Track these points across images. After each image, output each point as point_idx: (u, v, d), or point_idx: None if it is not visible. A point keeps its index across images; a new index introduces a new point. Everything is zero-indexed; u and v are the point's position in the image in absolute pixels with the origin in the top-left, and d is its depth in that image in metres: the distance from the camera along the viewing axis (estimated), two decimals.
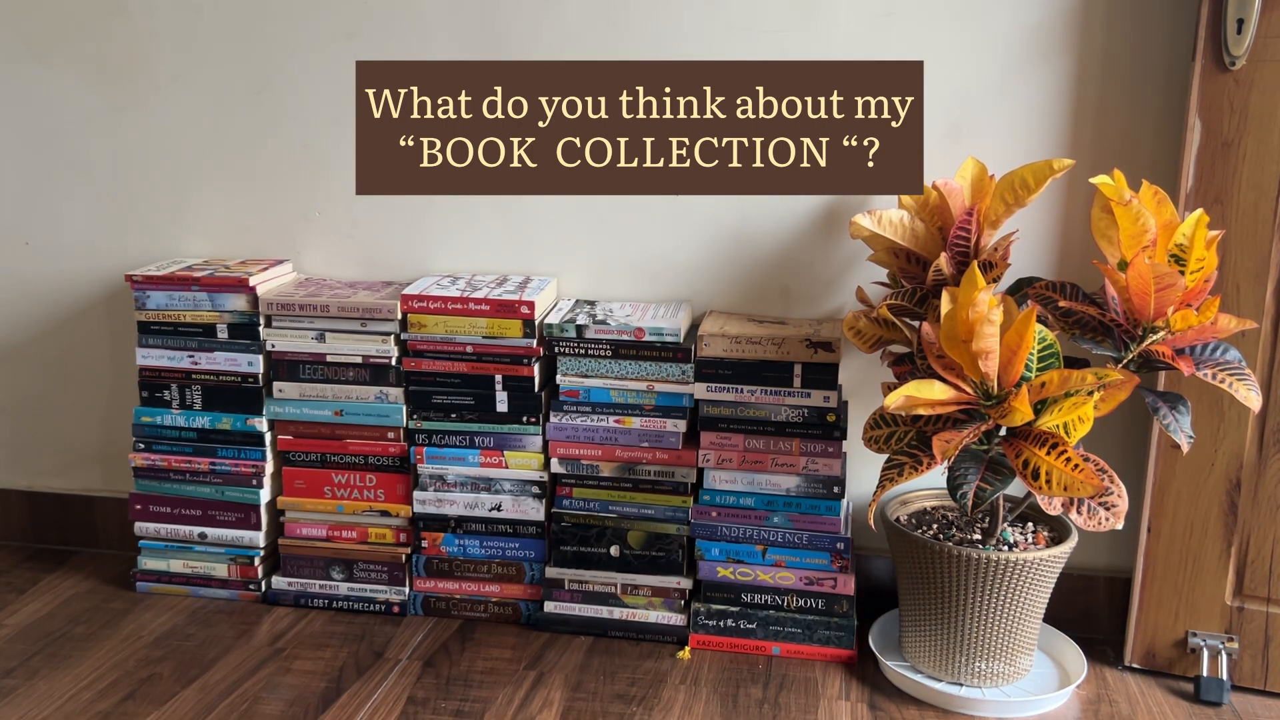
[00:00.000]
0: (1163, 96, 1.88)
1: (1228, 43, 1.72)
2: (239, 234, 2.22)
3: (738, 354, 1.93)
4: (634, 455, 1.99)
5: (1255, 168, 1.75)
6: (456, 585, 2.09)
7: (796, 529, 1.96)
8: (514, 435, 2.02)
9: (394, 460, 2.07)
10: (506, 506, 2.05)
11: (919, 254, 1.83)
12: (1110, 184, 1.66)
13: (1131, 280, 1.63)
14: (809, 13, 1.96)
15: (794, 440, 1.94)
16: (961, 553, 1.75)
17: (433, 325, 2.01)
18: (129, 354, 2.18)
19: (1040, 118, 1.93)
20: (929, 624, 1.84)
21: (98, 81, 2.18)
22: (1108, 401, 1.66)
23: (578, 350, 1.97)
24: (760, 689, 1.88)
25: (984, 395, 1.65)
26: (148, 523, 2.17)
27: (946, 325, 1.65)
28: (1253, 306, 1.79)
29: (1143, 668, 1.94)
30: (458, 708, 1.81)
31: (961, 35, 1.92)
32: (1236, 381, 1.66)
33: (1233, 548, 1.86)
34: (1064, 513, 1.69)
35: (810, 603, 1.97)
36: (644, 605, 2.03)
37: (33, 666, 1.93)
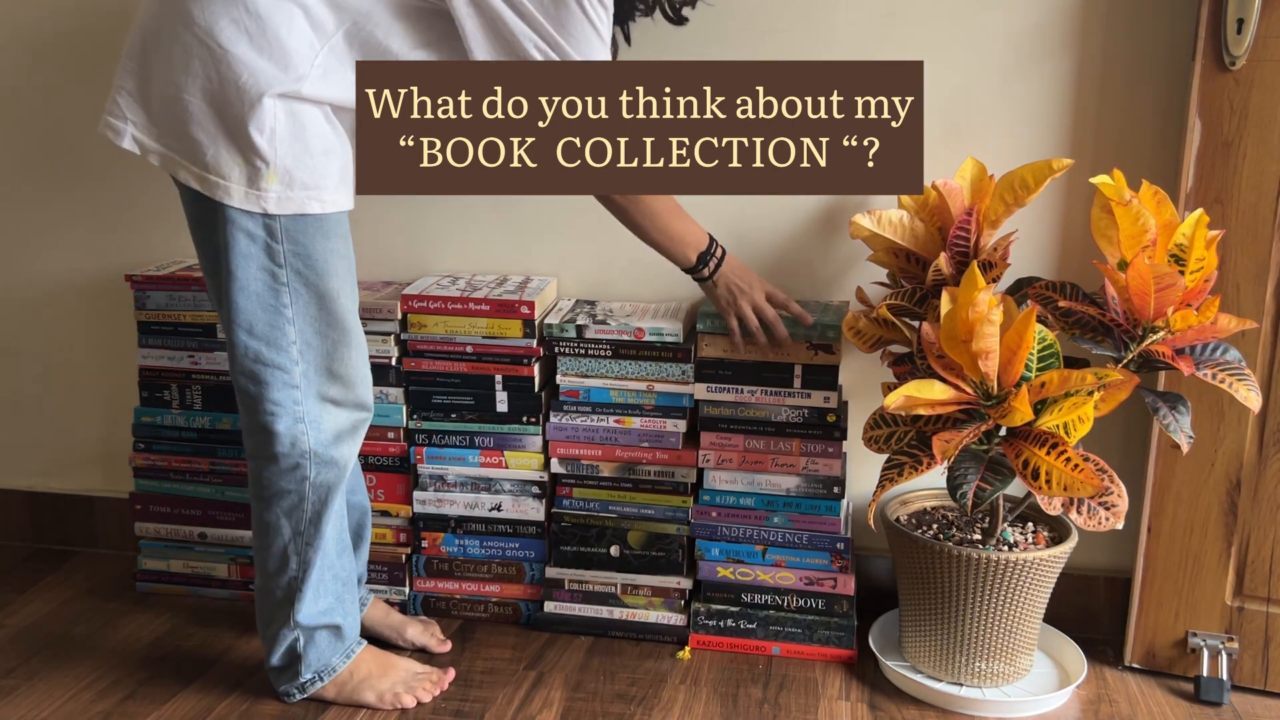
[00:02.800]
0: (1163, 96, 1.88)
1: (1228, 43, 1.72)
2: None
3: (738, 354, 1.93)
4: (634, 455, 1.99)
5: (1255, 168, 1.75)
6: (456, 585, 2.09)
7: (796, 529, 1.96)
8: (514, 435, 2.02)
9: (394, 460, 2.07)
10: (506, 506, 2.05)
11: (919, 254, 1.83)
12: (1110, 184, 1.66)
13: (1131, 280, 1.63)
14: (809, 13, 1.96)
15: (794, 440, 1.94)
16: (961, 553, 1.75)
17: (433, 325, 2.01)
18: (129, 354, 2.18)
19: (1040, 118, 1.93)
20: (929, 624, 1.84)
21: (98, 80, 2.18)
22: (1108, 401, 1.66)
23: (578, 350, 1.97)
24: (760, 689, 1.88)
25: (984, 395, 1.65)
26: (148, 523, 2.17)
27: (946, 325, 1.65)
28: (1253, 306, 1.79)
29: (1143, 668, 1.94)
30: (458, 708, 1.81)
31: (961, 35, 1.92)
32: (1236, 381, 1.66)
33: (1233, 548, 1.86)
34: (1064, 513, 1.69)
35: (810, 603, 1.97)
36: (644, 605, 2.03)
37: (33, 666, 1.93)
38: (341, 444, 1.71)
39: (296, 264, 1.61)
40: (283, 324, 1.63)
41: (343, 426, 1.71)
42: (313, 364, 1.66)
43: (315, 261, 1.62)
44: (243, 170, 1.55)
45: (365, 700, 1.79)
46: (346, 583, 1.80)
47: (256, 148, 1.54)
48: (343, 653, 1.80)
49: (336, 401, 1.70)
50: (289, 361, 1.65)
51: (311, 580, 1.73)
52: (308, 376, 1.66)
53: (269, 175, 1.55)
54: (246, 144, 1.54)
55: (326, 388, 1.68)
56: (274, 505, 1.71)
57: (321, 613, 1.75)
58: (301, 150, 1.57)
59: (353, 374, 1.70)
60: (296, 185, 1.57)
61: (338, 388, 1.69)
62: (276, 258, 1.60)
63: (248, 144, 1.54)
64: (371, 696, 1.80)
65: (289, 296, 1.62)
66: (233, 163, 1.55)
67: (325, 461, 1.69)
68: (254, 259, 1.59)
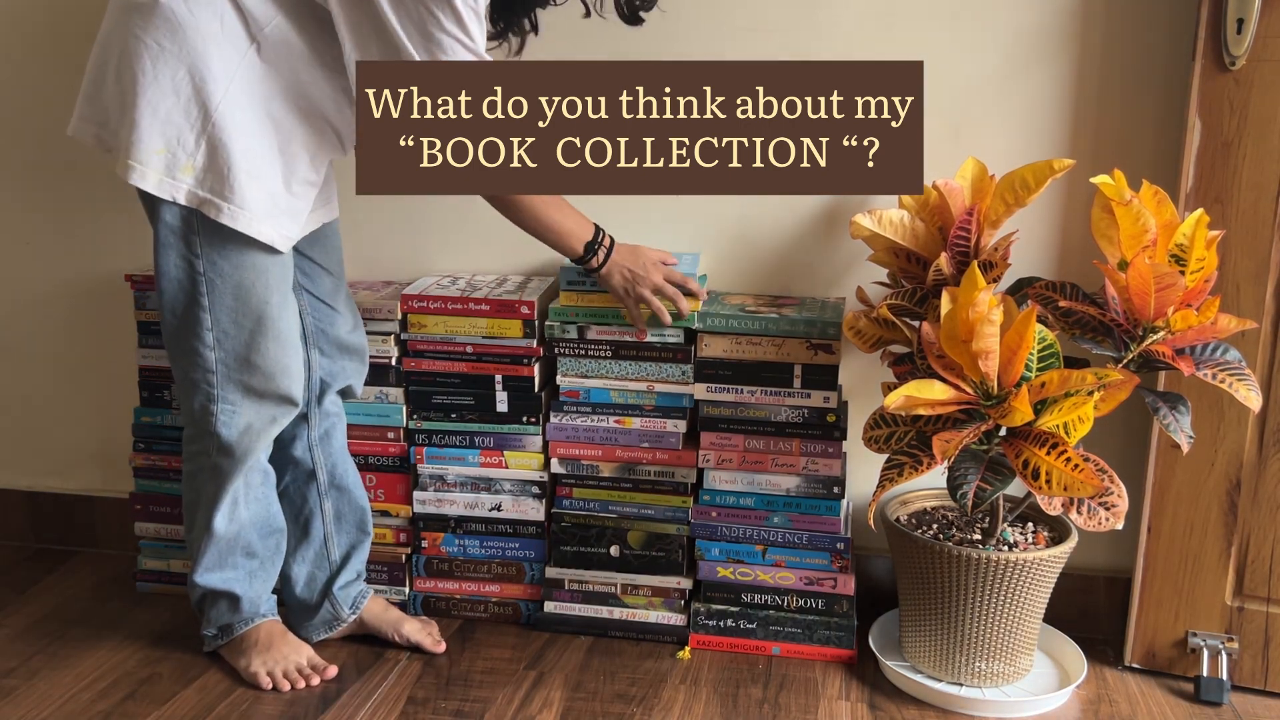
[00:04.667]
0: (1163, 96, 1.88)
1: (1228, 43, 1.72)
2: None
3: (738, 354, 1.93)
4: (634, 455, 1.99)
5: (1255, 168, 1.75)
6: (456, 585, 2.09)
7: (796, 529, 1.96)
8: (514, 435, 2.02)
9: (394, 460, 2.07)
10: (506, 506, 2.05)
11: (919, 254, 1.83)
12: (1110, 184, 1.66)
13: (1131, 280, 1.63)
14: (809, 13, 1.96)
15: (794, 440, 1.94)
16: (961, 553, 1.75)
17: (433, 325, 2.01)
18: (129, 354, 2.18)
19: (1040, 118, 1.93)
20: (929, 624, 1.84)
21: None
22: (1108, 401, 1.66)
23: (578, 351, 1.97)
24: (760, 689, 1.88)
25: (984, 395, 1.65)
26: (148, 523, 2.17)
27: (946, 325, 1.65)
28: (1253, 306, 1.79)
29: (1143, 668, 1.94)
30: (458, 708, 1.81)
31: (961, 35, 1.92)
32: (1236, 381, 1.66)
33: (1233, 548, 1.86)
34: (1064, 513, 1.69)
35: (810, 603, 1.97)
36: (644, 605, 2.03)
37: (33, 666, 1.93)
38: (248, 436, 1.77)
39: (213, 255, 1.67)
40: (198, 312, 1.70)
41: (257, 419, 1.77)
42: (230, 352, 1.72)
43: (230, 255, 1.67)
44: (161, 158, 1.61)
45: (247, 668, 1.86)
46: (266, 562, 1.88)
47: (178, 138, 1.61)
48: (241, 620, 1.88)
49: (256, 391, 1.75)
50: (204, 347, 1.72)
51: (210, 549, 1.83)
52: (225, 364, 1.72)
53: (185, 167, 1.62)
54: (170, 133, 1.60)
55: (244, 376, 1.74)
56: (188, 468, 1.84)
57: (223, 580, 1.86)
58: (223, 157, 1.62)
59: (272, 365, 1.74)
60: (207, 188, 1.63)
61: (257, 377, 1.74)
62: (193, 248, 1.67)
63: (171, 133, 1.60)
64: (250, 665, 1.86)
65: (205, 286, 1.69)
66: (152, 149, 1.61)
67: (223, 448, 1.76)
68: (173, 247, 1.67)
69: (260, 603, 1.89)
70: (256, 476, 1.83)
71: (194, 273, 1.68)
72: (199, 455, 1.80)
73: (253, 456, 1.79)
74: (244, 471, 1.79)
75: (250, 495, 1.83)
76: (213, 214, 1.63)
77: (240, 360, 1.72)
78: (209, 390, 1.74)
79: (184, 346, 1.73)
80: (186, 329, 1.71)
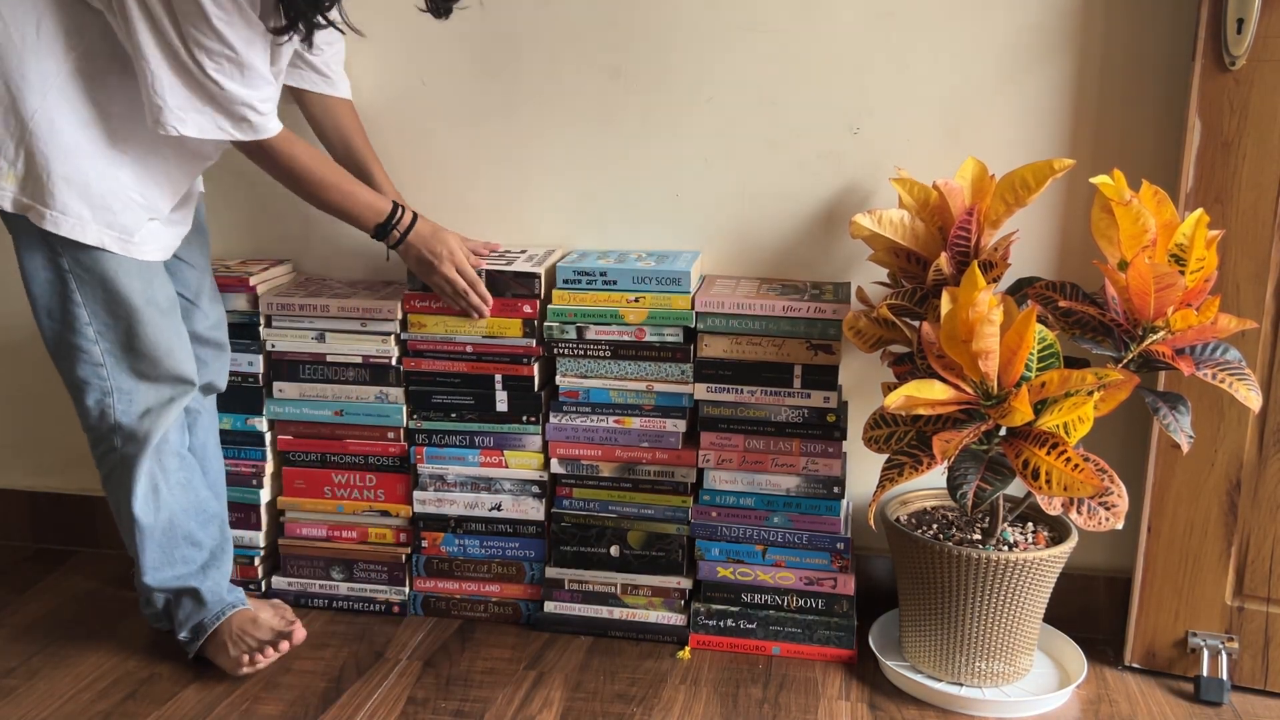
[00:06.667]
0: (1163, 96, 1.88)
1: (1228, 43, 1.72)
2: (239, 234, 2.22)
3: (738, 354, 1.93)
4: (634, 455, 1.99)
5: (1255, 168, 1.75)
6: (456, 585, 2.09)
7: (796, 529, 1.96)
8: (514, 435, 2.02)
9: (394, 460, 2.07)
10: (506, 506, 2.05)
11: (919, 254, 1.83)
12: (1110, 184, 1.66)
13: (1131, 280, 1.63)
14: (809, 12, 1.96)
15: (794, 440, 1.94)
16: (961, 553, 1.75)
17: (432, 325, 2.00)
18: None
19: (1040, 118, 1.93)
20: (929, 624, 1.84)
21: None
22: (1108, 401, 1.66)
23: (577, 351, 1.97)
24: (760, 689, 1.88)
25: (984, 395, 1.65)
26: None
27: (946, 325, 1.65)
28: (1253, 306, 1.79)
29: (1143, 668, 1.94)
30: (458, 708, 1.81)
31: (962, 35, 1.92)
32: (1236, 381, 1.66)
33: (1233, 548, 1.86)
34: (1064, 513, 1.69)
35: (810, 603, 1.97)
36: (644, 605, 2.03)
37: (33, 666, 1.93)
38: (149, 418, 1.78)
39: (74, 252, 1.68)
40: (74, 309, 1.72)
41: (155, 401, 1.79)
42: (113, 342, 1.74)
43: (89, 250, 1.68)
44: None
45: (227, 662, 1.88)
46: (216, 551, 1.90)
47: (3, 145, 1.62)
48: (211, 615, 1.89)
49: (148, 376, 1.77)
50: (88, 343, 1.73)
51: (147, 544, 1.84)
52: (112, 354, 1.75)
53: (8, 175, 1.63)
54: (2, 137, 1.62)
55: (133, 363, 1.76)
56: (103, 474, 1.83)
57: (176, 577, 1.87)
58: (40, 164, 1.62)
59: (155, 350, 1.76)
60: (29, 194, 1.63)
61: (145, 363, 1.76)
62: (54, 247, 1.68)
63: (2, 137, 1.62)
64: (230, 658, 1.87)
65: (74, 282, 1.70)
66: None
67: (127, 435, 1.78)
68: (37, 250, 1.69)
69: (224, 593, 1.90)
70: (173, 462, 1.83)
71: (61, 271, 1.69)
72: (107, 455, 1.81)
73: (156, 436, 1.79)
74: (153, 454, 1.80)
75: (171, 481, 1.84)
76: (36, 220, 1.64)
77: (125, 349, 1.74)
78: (101, 384, 1.75)
79: (68, 346, 1.74)
80: (67, 328, 1.73)
